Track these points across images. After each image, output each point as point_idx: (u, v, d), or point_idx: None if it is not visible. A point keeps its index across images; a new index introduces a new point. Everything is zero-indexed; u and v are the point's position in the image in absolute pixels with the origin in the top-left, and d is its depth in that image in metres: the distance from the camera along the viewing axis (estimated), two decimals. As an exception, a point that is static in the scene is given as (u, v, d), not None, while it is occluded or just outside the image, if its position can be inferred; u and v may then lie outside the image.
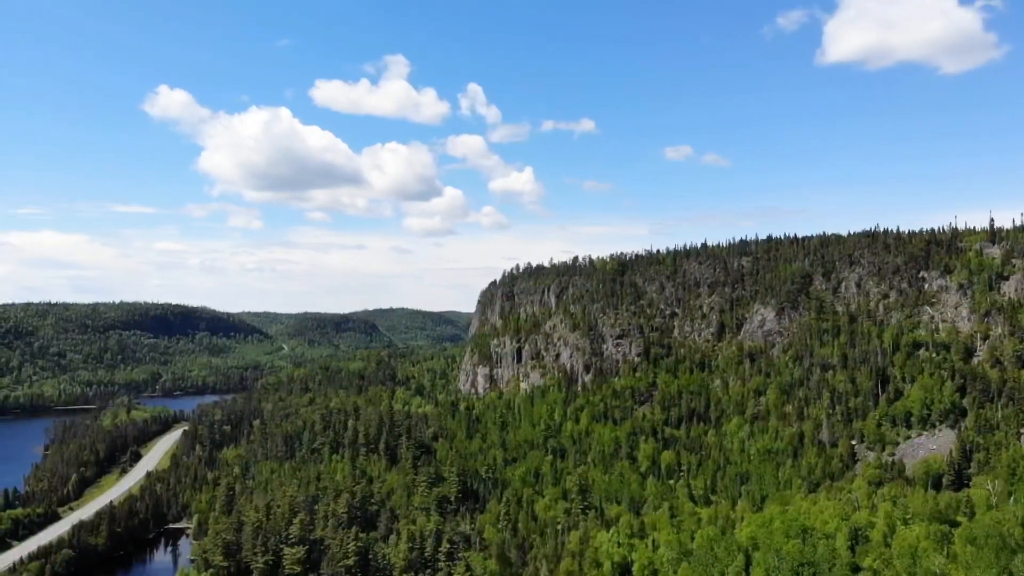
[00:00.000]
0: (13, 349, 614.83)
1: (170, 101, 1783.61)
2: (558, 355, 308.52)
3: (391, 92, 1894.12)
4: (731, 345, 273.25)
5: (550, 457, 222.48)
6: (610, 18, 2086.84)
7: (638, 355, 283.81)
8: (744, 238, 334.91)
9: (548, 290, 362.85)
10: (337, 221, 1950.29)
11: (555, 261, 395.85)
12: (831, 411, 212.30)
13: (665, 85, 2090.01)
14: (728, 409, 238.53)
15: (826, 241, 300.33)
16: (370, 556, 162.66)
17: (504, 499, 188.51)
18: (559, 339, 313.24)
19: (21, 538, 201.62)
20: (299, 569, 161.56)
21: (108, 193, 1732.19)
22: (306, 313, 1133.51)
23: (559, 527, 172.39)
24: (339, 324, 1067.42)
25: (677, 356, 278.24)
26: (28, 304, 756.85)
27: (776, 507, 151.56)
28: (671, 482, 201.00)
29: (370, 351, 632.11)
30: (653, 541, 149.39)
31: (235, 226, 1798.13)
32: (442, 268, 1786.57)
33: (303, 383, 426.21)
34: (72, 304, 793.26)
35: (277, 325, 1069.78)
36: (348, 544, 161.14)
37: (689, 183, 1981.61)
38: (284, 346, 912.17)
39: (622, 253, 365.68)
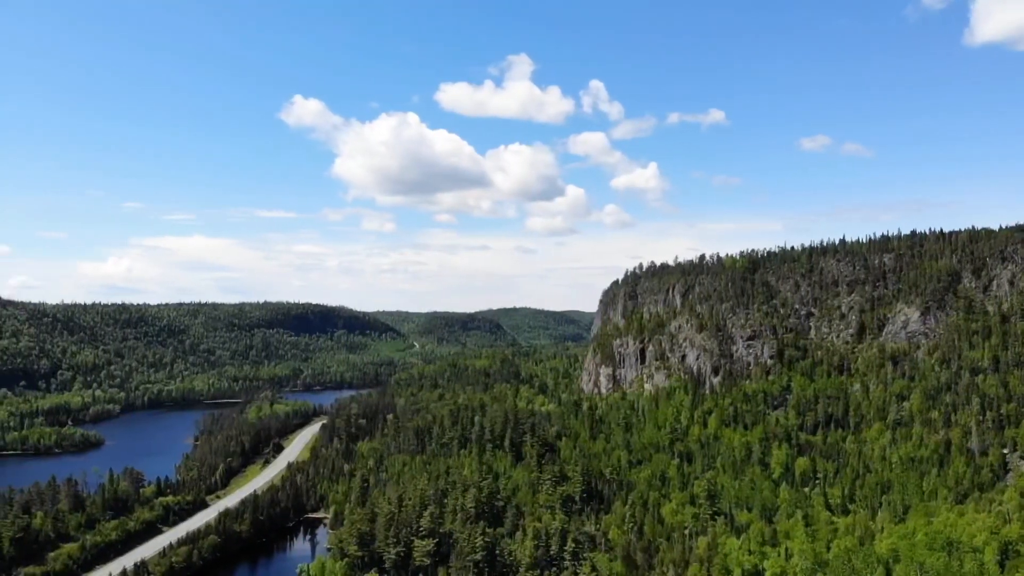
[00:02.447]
0: (167, 346, 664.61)
1: (305, 110, 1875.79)
2: (684, 356, 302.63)
3: (515, 92, 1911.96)
4: (872, 347, 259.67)
5: (676, 461, 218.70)
6: (738, 3, 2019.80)
7: (771, 357, 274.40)
8: (886, 233, 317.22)
9: (673, 289, 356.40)
10: (463, 223, 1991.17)
11: (681, 259, 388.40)
12: (981, 417, 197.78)
13: (800, 71, 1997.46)
14: (868, 414, 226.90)
15: (976, 236, 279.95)
16: (497, 552, 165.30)
17: (629, 501, 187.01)
18: (685, 340, 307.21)
19: (172, 524, 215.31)
20: (429, 561, 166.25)
21: (252, 199, 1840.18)
22: (435, 312, 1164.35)
23: (686, 532, 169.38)
24: (466, 323, 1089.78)
25: (813, 358, 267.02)
26: (180, 304, 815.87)
27: (919, 518, 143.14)
28: (806, 490, 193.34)
29: (495, 349, 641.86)
30: (786, 550, 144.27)
31: (369, 229, 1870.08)
32: (564, 267, 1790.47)
33: (433, 379, 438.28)
34: (220, 304, 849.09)
35: (409, 323, 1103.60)
36: (476, 539, 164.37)
37: (826, 175, 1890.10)
38: (415, 343, 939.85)
39: (753, 250, 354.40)
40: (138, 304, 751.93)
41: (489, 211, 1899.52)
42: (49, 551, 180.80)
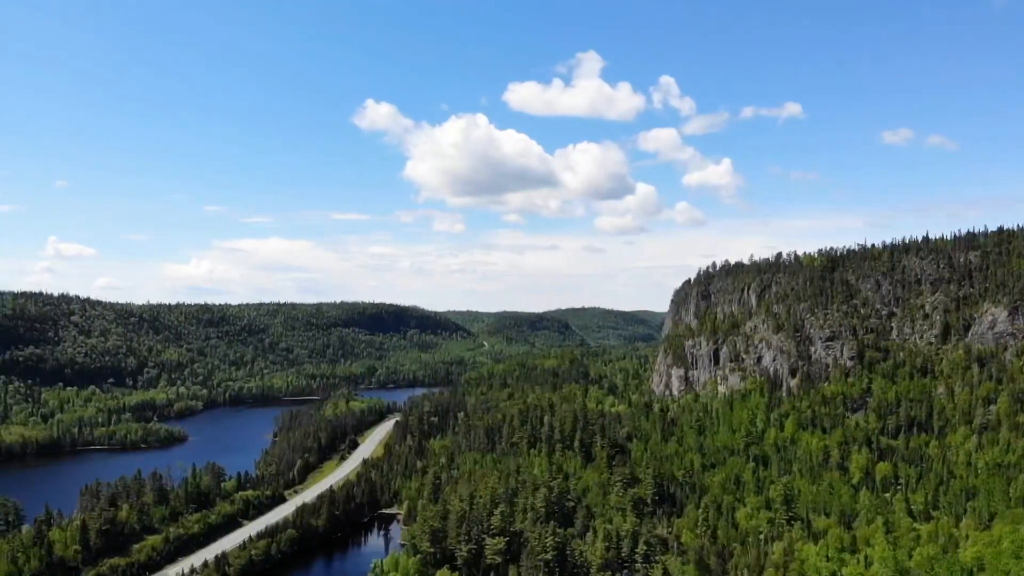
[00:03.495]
0: (247, 345, 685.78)
1: (377, 114, 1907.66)
2: (759, 358, 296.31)
3: (584, 90, 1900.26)
4: (957, 348, 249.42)
5: (752, 464, 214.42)
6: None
7: (850, 359, 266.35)
8: (972, 230, 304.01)
9: (748, 289, 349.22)
10: (531, 223, 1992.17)
11: (756, 258, 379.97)
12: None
13: (881, 61, 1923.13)
14: (953, 418, 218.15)
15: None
16: (567, 552, 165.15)
17: (703, 505, 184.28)
18: (760, 341, 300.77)
19: (251, 518, 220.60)
20: (500, 560, 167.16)
21: (328, 203, 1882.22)
22: (504, 312, 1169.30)
23: (761, 537, 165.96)
24: (534, 323, 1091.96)
25: (895, 360, 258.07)
26: (260, 304, 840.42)
27: (1005, 526, 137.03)
28: (886, 495, 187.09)
29: (563, 349, 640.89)
30: (866, 557, 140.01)
31: (439, 230, 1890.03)
32: (634, 267, 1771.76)
33: (502, 378, 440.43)
34: (298, 304, 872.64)
35: (479, 323, 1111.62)
36: (546, 538, 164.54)
37: (909, 170, 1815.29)
38: (485, 343, 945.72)
39: (832, 248, 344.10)
40: (220, 304, 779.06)
41: (557, 211, 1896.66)
42: (134, 543, 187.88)
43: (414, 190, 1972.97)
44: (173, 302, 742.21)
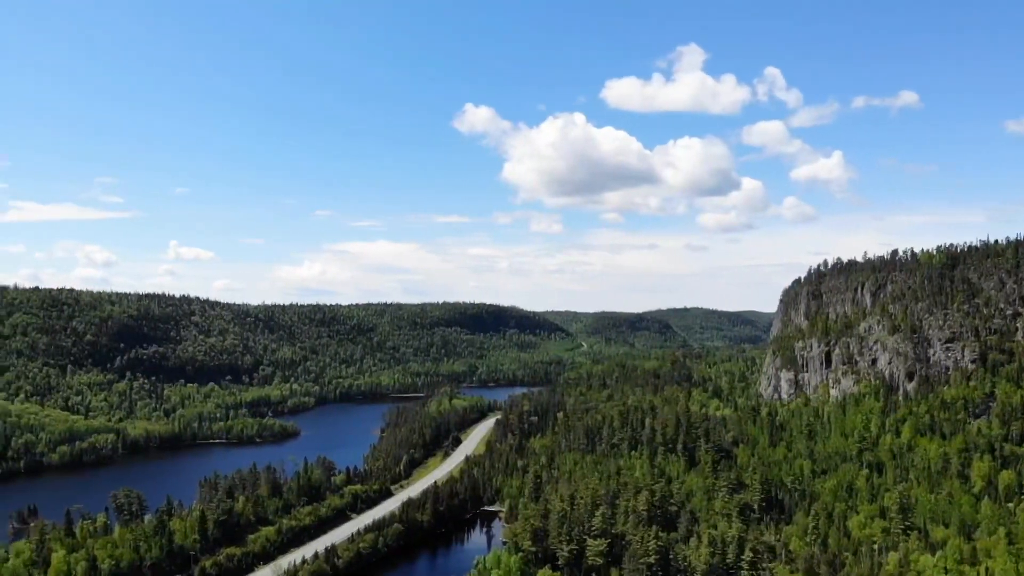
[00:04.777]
0: (356, 343, 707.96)
1: (476, 118, 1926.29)
2: (874, 360, 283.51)
3: (686, 84, 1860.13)
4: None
5: (865, 471, 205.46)
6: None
7: (972, 361, 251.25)
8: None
9: (862, 288, 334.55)
10: (630, 221, 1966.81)
11: (870, 255, 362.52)
12: None
13: (1004, 45, 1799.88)
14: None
15: None
16: (670, 556, 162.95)
17: (813, 512, 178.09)
18: (875, 342, 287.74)
19: (359, 511, 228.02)
20: (601, 561, 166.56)
21: (430, 206, 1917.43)
22: (603, 312, 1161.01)
23: (875, 547, 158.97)
24: (634, 323, 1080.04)
25: (1021, 363, 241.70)
26: (368, 304, 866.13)
27: None
28: (1009, 505, 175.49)
29: (665, 350, 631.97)
30: (987, 569, 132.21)
31: (537, 231, 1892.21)
32: (739, 265, 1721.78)
33: (601, 379, 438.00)
34: (404, 304, 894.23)
35: (577, 323, 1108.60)
36: (649, 542, 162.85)
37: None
38: (583, 343, 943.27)
39: (952, 245, 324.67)
40: (330, 304, 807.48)
41: (657, 208, 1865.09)
42: (249, 533, 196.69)
43: (512, 191, 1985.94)
44: (287, 303, 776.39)
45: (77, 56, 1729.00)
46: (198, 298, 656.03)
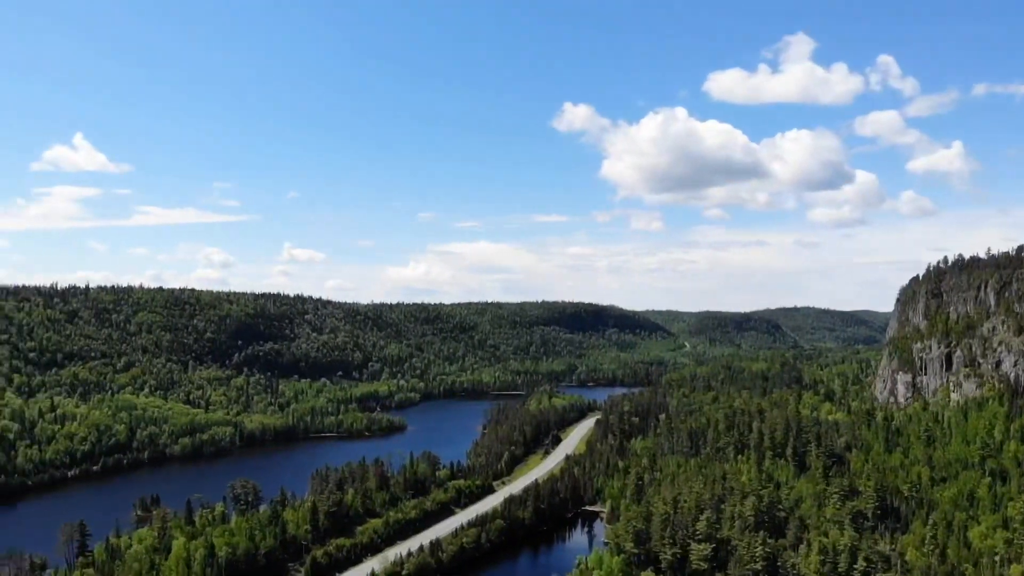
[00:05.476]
0: (459, 341, 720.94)
1: (574, 116, 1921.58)
2: (999, 363, 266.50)
3: (794, 74, 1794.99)
4: None
5: (988, 479, 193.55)
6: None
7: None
8: None
9: (985, 286, 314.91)
10: (735, 217, 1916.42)
11: (994, 251, 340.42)
12: None
13: None
14: None
15: None
16: (778, 564, 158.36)
17: (931, 521, 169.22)
18: (1000, 344, 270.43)
19: (463, 506, 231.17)
20: (706, 566, 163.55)
21: (529, 206, 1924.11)
22: (707, 311, 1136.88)
23: (996, 558, 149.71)
24: (740, 323, 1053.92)
25: None
26: (469, 303, 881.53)
27: None
28: None
29: (773, 351, 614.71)
30: None
31: (636, 229, 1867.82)
32: (853, 263, 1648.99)
33: (706, 381, 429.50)
34: (503, 303, 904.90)
35: (679, 323, 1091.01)
36: (756, 548, 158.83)
37: None
38: (686, 343, 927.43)
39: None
40: (434, 304, 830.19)
41: (765, 204, 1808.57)
42: (358, 525, 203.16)
43: (611, 189, 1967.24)
44: (393, 302, 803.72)
45: (195, 69, 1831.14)
46: (311, 297, 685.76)
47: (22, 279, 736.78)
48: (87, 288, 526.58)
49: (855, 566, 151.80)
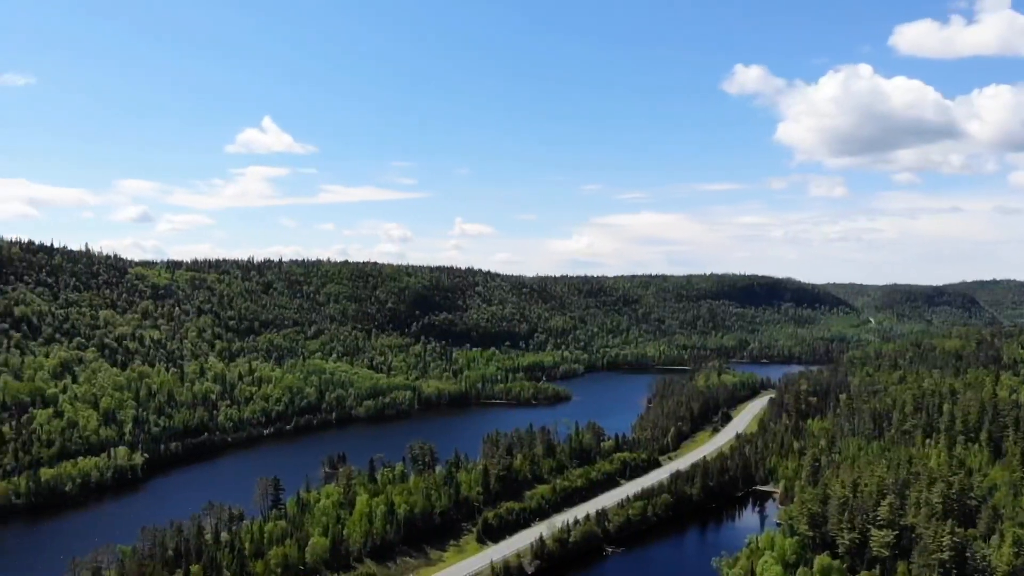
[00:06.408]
0: (622, 314, 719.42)
1: (746, 78, 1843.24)
2: None
3: (991, 24, 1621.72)
4: None
5: None
6: None
7: None
8: None
9: None
10: (927, 182, 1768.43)
11: None
12: None
13: None
14: None
15: None
16: (967, 554, 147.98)
17: None
18: None
19: (628, 478, 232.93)
20: (887, 553, 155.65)
21: (695, 174, 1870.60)
22: (894, 285, 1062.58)
23: None
24: (931, 297, 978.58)
25: None
26: (633, 276, 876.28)
27: None
28: None
29: (968, 328, 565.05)
30: None
31: (816, 196, 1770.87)
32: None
33: (892, 359, 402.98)
34: (669, 276, 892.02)
35: (863, 297, 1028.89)
36: (943, 537, 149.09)
37: None
38: (871, 319, 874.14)
39: None
40: (597, 276, 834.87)
41: (961, 167, 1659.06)
42: (526, 490, 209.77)
43: (787, 154, 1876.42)
44: (557, 274, 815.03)
45: (374, 55, 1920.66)
46: (481, 270, 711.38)
47: (222, 253, 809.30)
48: (280, 261, 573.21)
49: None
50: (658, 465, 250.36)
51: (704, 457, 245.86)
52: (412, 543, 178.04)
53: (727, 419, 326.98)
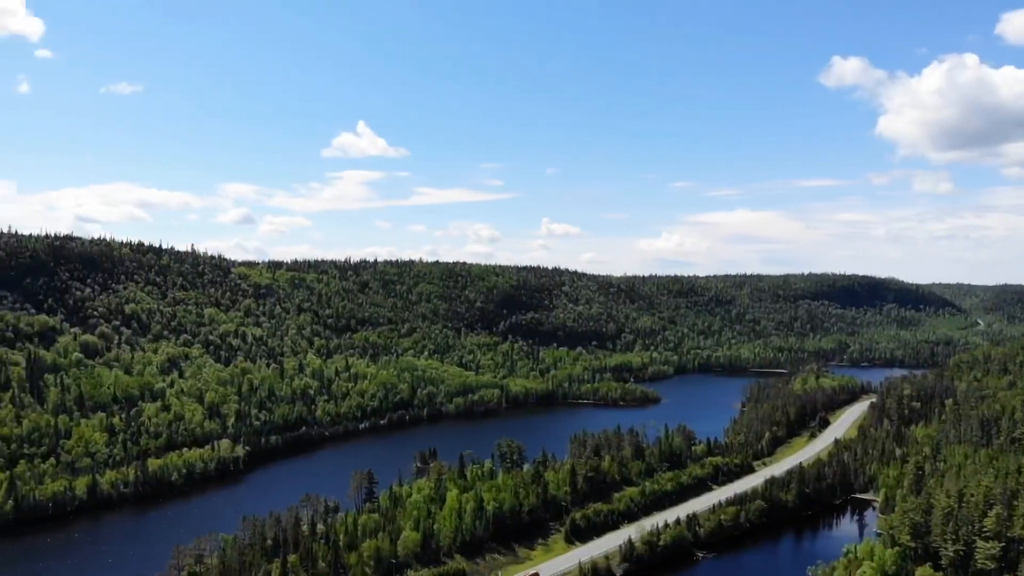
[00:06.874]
0: (714, 315, 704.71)
1: (844, 70, 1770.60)
2: None
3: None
4: None
5: None
6: None
7: None
8: None
9: None
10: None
11: None
12: None
13: None
14: None
15: None
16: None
17: None
18: None
19: (720, 483, 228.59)
20: (993, 566, 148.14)
21: (792, 170, 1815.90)
22: (1004, 285, 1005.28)
23: None
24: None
25: None
26: (726, 276, 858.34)
27: None
28: None
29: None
30: None
31: (921, 191, 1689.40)
32: None
33: (1001, 363, 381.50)
34: (764, 275, 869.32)
35: (971, 298, 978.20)
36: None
37: None
38: (979, 321, 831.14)
39: None
40: (688, 276, 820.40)
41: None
42: (614, 491, 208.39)
43: (888, 148, 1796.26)
44: (646, 274, 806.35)
45: (463, 60, 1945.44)
46: (567, 270, 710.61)
47: (319, 254, 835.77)
48: (375, 262, 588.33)
49: None
50: (752, 471, 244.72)
51: (800, 463, 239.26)
52: (501, 540, 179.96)
53: (825, 424, 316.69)
